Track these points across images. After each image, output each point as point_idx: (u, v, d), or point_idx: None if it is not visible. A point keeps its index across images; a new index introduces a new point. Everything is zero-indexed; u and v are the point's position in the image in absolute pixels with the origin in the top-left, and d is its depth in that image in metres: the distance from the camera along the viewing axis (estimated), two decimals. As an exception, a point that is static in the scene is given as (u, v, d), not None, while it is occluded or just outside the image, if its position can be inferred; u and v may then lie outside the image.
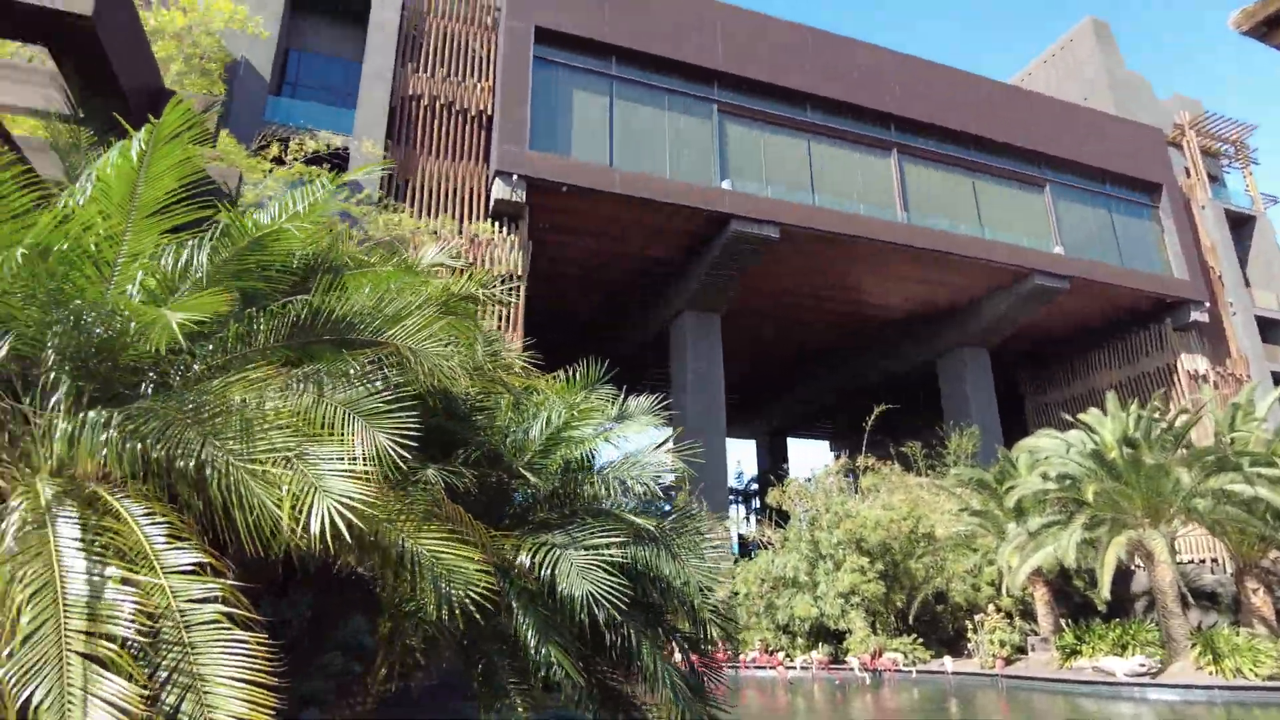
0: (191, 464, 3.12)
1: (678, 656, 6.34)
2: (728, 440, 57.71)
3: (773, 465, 41.42)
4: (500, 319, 23.28)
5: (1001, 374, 37.23)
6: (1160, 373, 32.12)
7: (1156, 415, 18.32)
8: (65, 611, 2.80)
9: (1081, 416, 19.14)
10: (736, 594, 22.21)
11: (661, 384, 35.92)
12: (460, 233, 22.31)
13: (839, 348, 37.61)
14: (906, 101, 30.01)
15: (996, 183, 31.11)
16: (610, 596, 4.59)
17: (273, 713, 2.83)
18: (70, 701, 2.71)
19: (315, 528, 2.99)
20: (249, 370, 3.57)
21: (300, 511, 3.04)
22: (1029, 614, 20.12)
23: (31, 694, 2.75)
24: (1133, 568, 21.43)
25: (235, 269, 3.85)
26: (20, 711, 2.63)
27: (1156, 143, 35.31)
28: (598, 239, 28.12)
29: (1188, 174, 38.13)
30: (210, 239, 3.75)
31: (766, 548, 23.56)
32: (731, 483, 44.39)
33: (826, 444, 55.43)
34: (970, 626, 20.00)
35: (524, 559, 4.85)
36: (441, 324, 4.56)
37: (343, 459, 3.25)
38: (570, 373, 7.17)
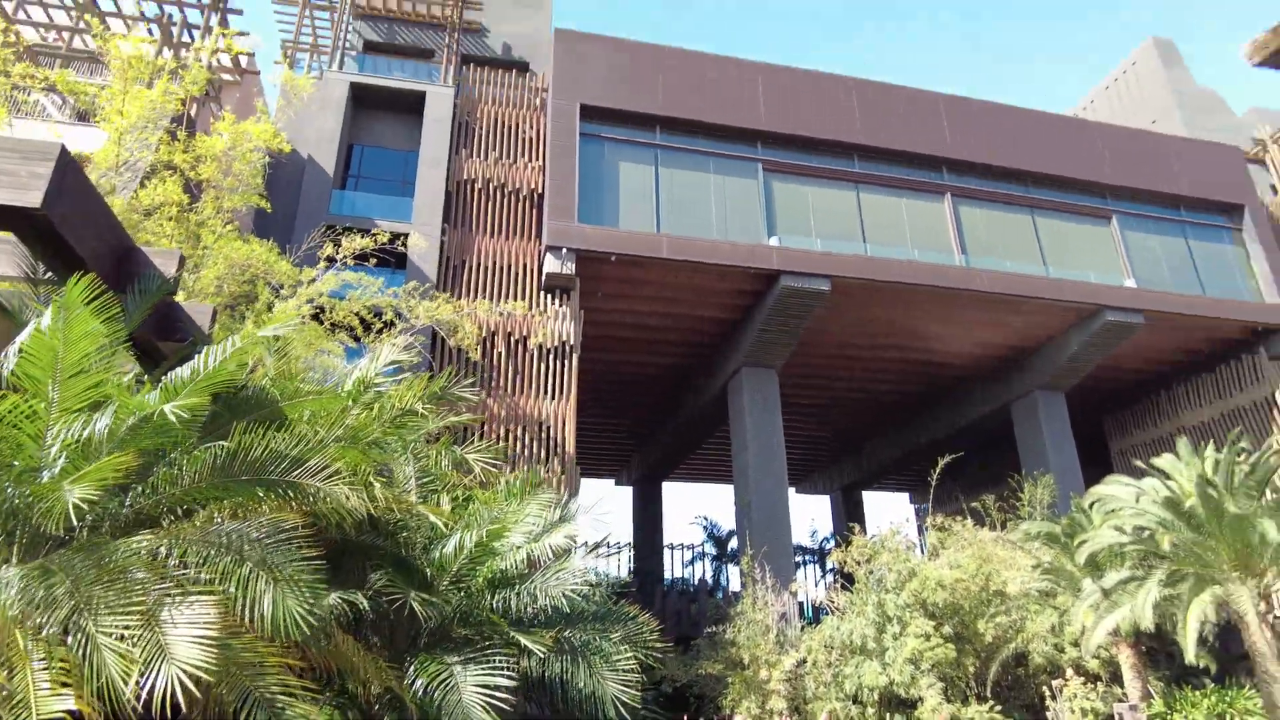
0: (58, 629, 3.50)
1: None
2: (799, 497, 56.11)
3: (848, 522, 40.29)
4: (550, 390, 23.81)
5: (1085, 418, 35.44)
6: (1258, 407, 29.90)
7: (1240, 457, 17.08)
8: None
9: (1155, 461, 18.05)
10: (804, 662, 21.53)
11: (725, 444, 35.72)
12: (495, 311, 23.08)
13: (909, 398, 36.65)
14: (957, 143, 29.61)
15: (1059, 218, 30.15)
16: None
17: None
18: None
19: (159, 691, 3.29)
20: (148, 532, 3.99)
21: (146, 676, 3.35)
22: (1118, 678, 18.74)
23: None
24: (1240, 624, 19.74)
25: (139, 432, 4.27)
26: None
27: (1234, 161, 33.58)
28: (652, 303, 28.52)
29: (1274, 191, 36.01)
30: (114, 410, 4.19)
31: (833, 613, 22.82)
32: (805, 542, 43.23)
33: (907, 496, 53.57)
34: (1048, 693, 18.75)
35: (419, 684, 5.00)
36: (353, 454, 4.89)
37: (205, 619, 3.56)
38: (513, 480, 7.36)
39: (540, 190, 27.25)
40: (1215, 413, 31.02)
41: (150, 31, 28.83)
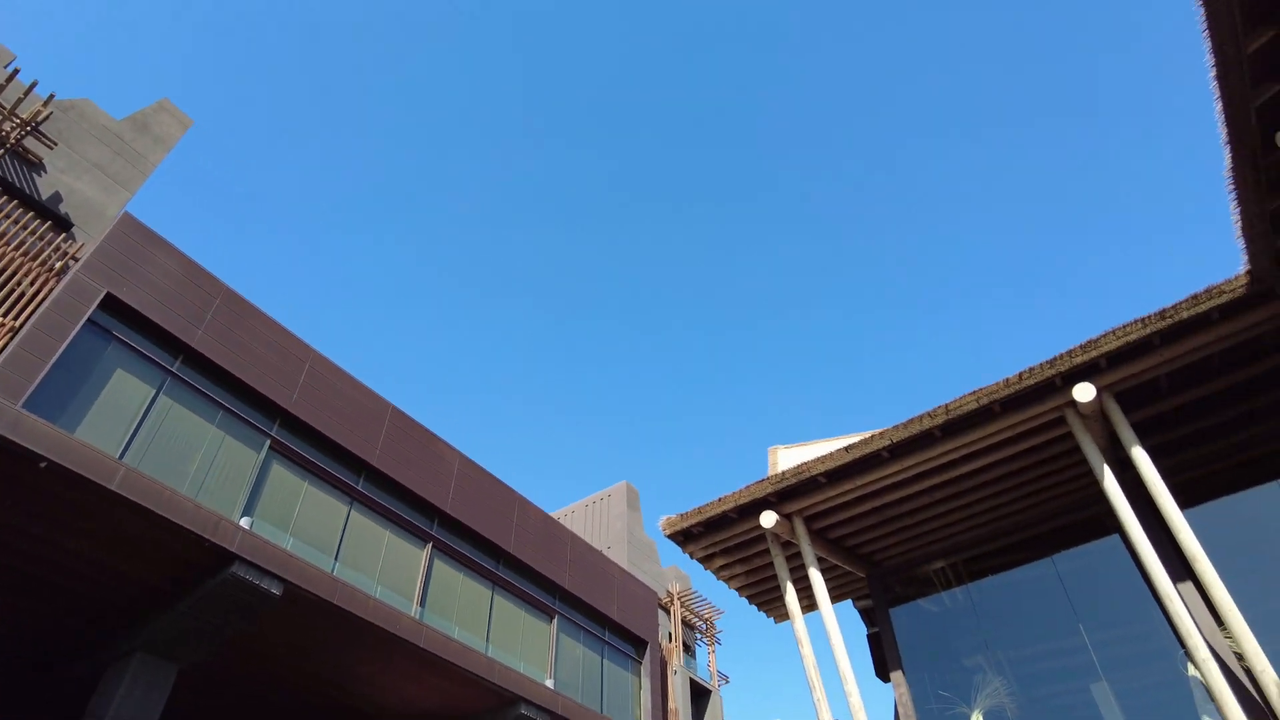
0: None
1: None
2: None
3: None
4: None
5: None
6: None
7: None
8: None
9: None
10: None
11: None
12: None
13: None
14: (456, 502, 31.65)
15: (514, 601, 32.71)
16: None
17: None
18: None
19: None
20: None
21: None
22: None
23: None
24: None
25: None
26: None
27: (651, 603, 40.72)
28: (73, 539, 23.20)
29: (670, 639, 43.92)
30: None
31: None
32: None
33: None
34: None
35: None
36: None
37: None
38: None
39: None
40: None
41: None
